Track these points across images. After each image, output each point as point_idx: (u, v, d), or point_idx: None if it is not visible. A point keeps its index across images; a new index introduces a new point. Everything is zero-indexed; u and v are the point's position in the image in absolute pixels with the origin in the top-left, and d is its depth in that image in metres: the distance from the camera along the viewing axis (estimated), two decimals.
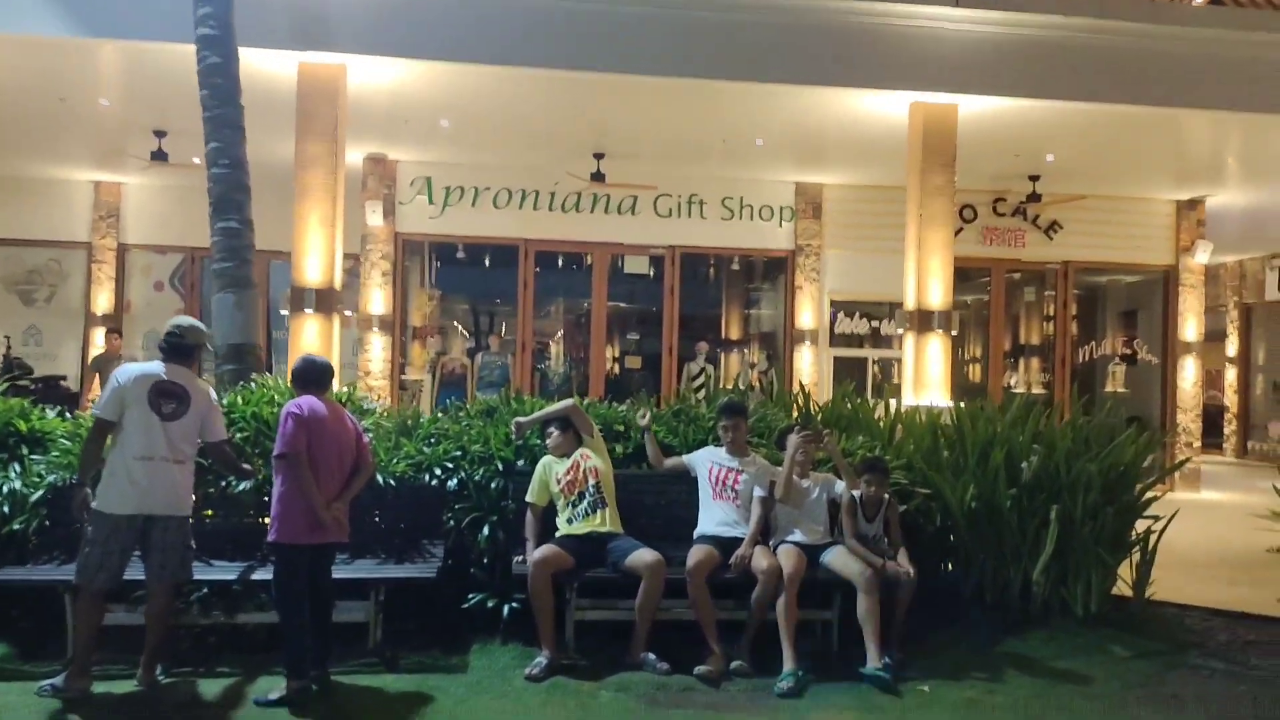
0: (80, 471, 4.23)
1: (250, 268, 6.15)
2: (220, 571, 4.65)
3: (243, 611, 4.64)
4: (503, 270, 11.62)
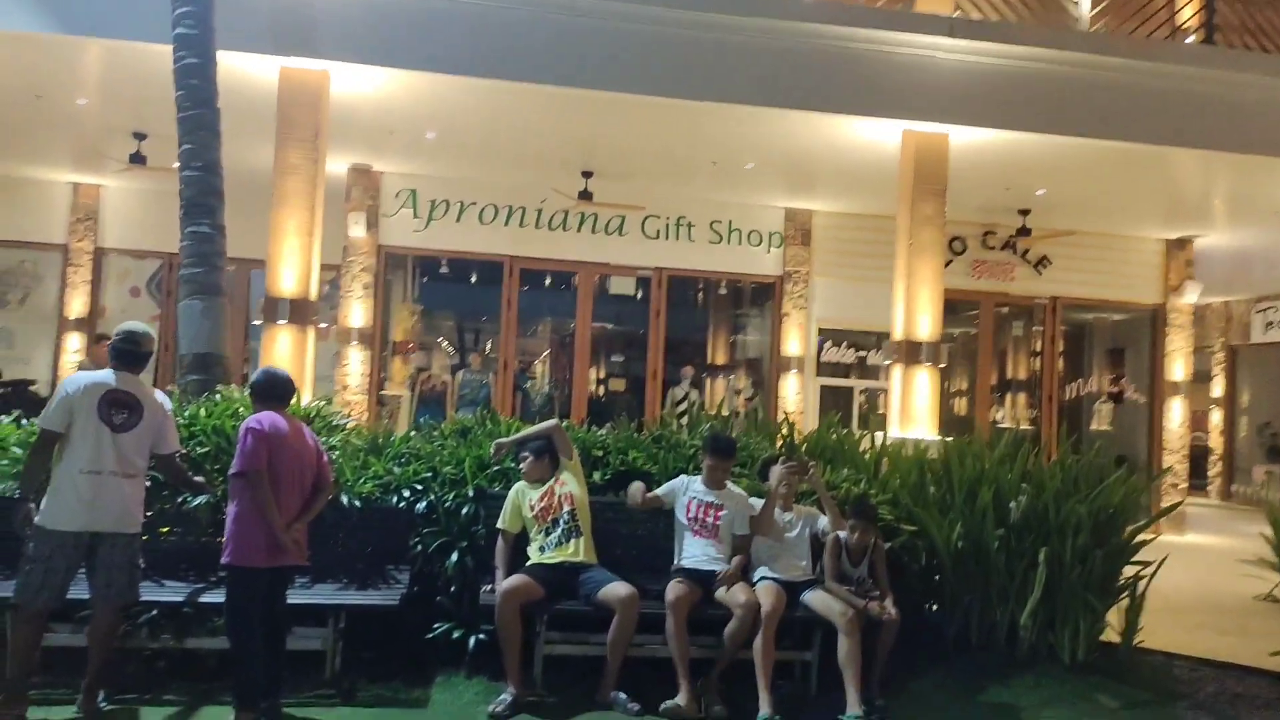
0: (23, 485, 3.98)
1: (220, 275, 5.94)
2: (171, 593, 4.42)
3: (193, 636, 4.41)
4: (486, 287, 11.44)
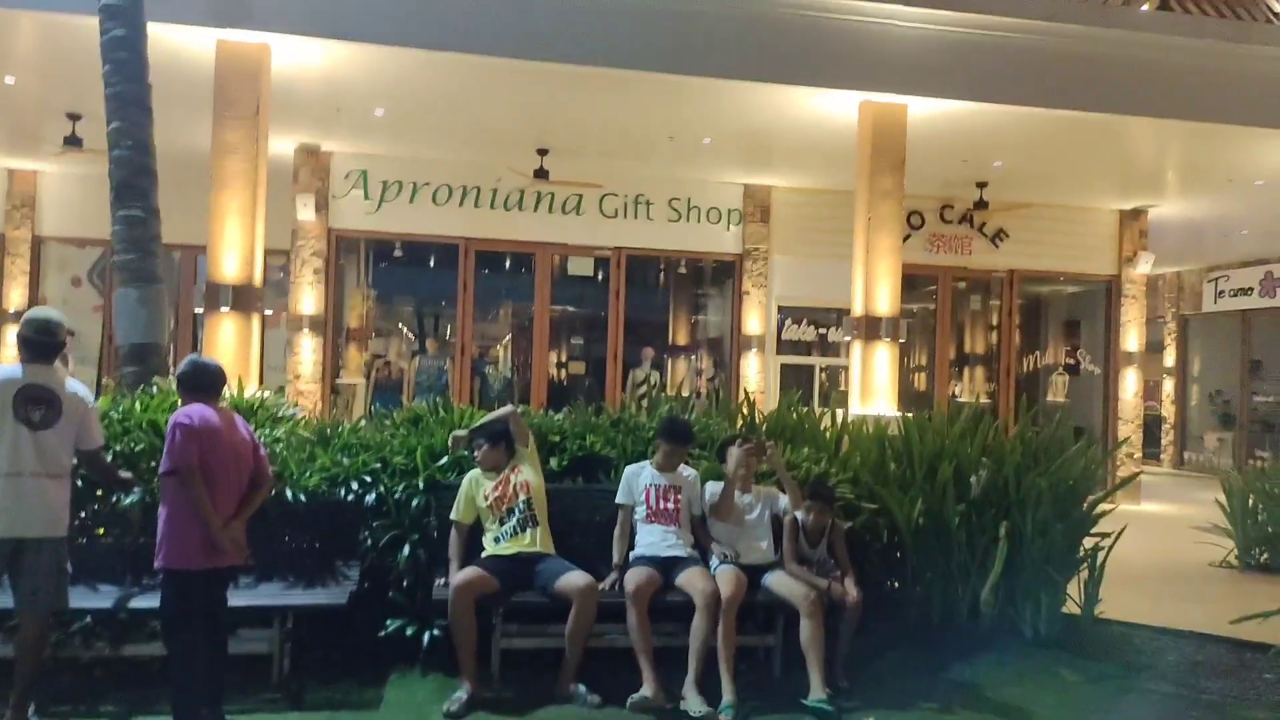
0: None
1: (156, 261, 5.68)
2: (105, 598, 4.20)
3: (131, 642, 4.21)
4: (442, 270, 11.19)
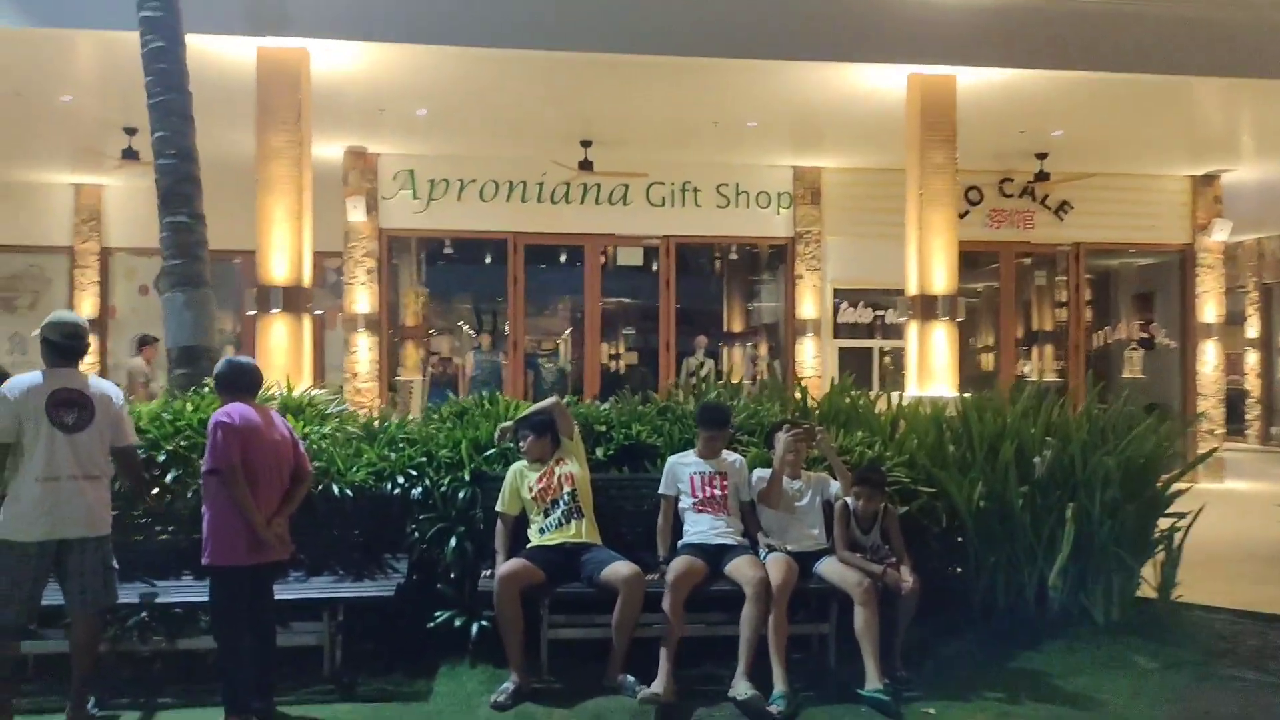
0: None
1: (202, 265, 5.77)
2: (163, 593, 4.28)
3: (186, 636, 4.28)
4: (492, 266, 11.24)
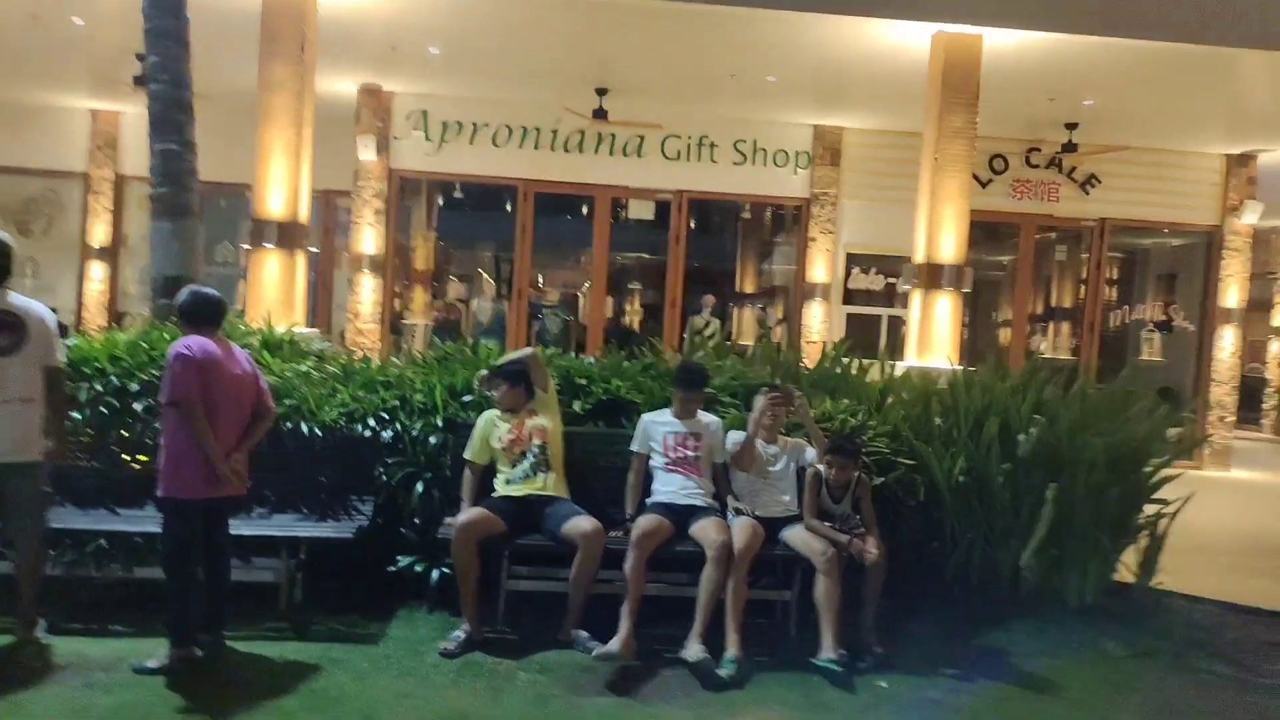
0: None
1: (192, 195, 5.72)
2: (123, 522, 4.31)
3: (144, 565, 4.29)
4: (501, 213, 11.11)
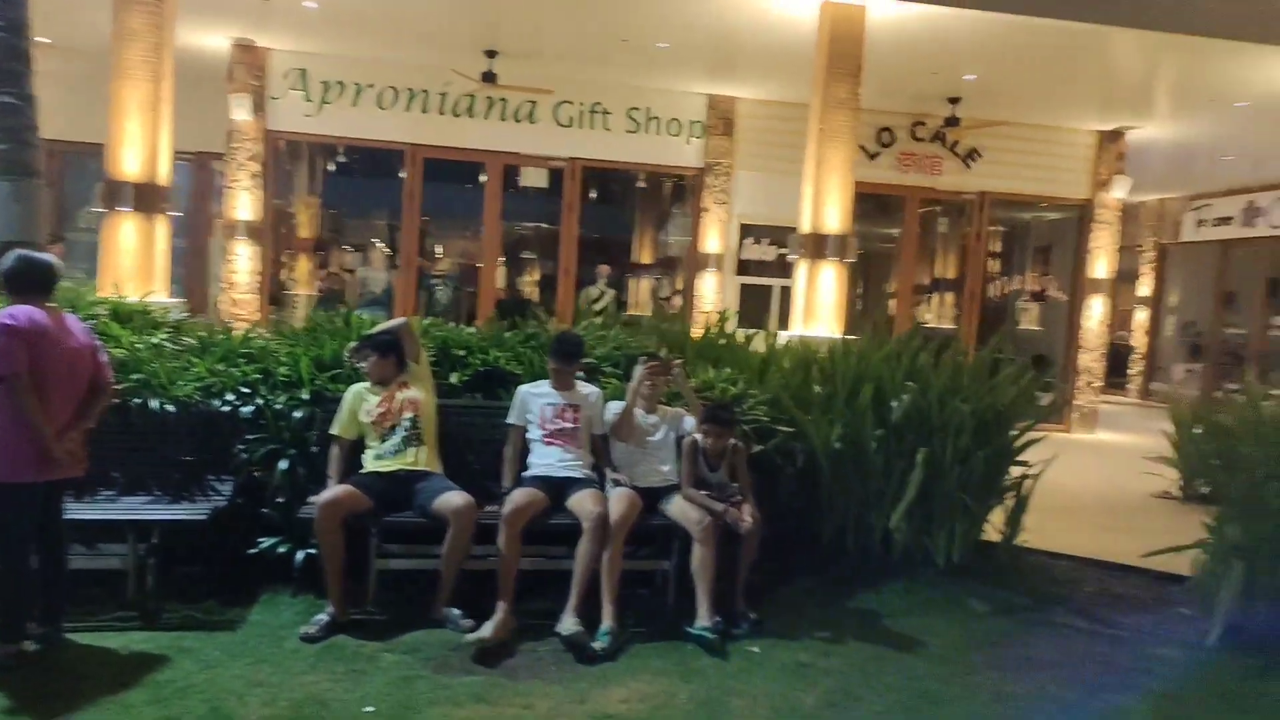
0: None
1: (34, 152, 5.25)
2: None
3: None
4: (391, 178, 10.71)
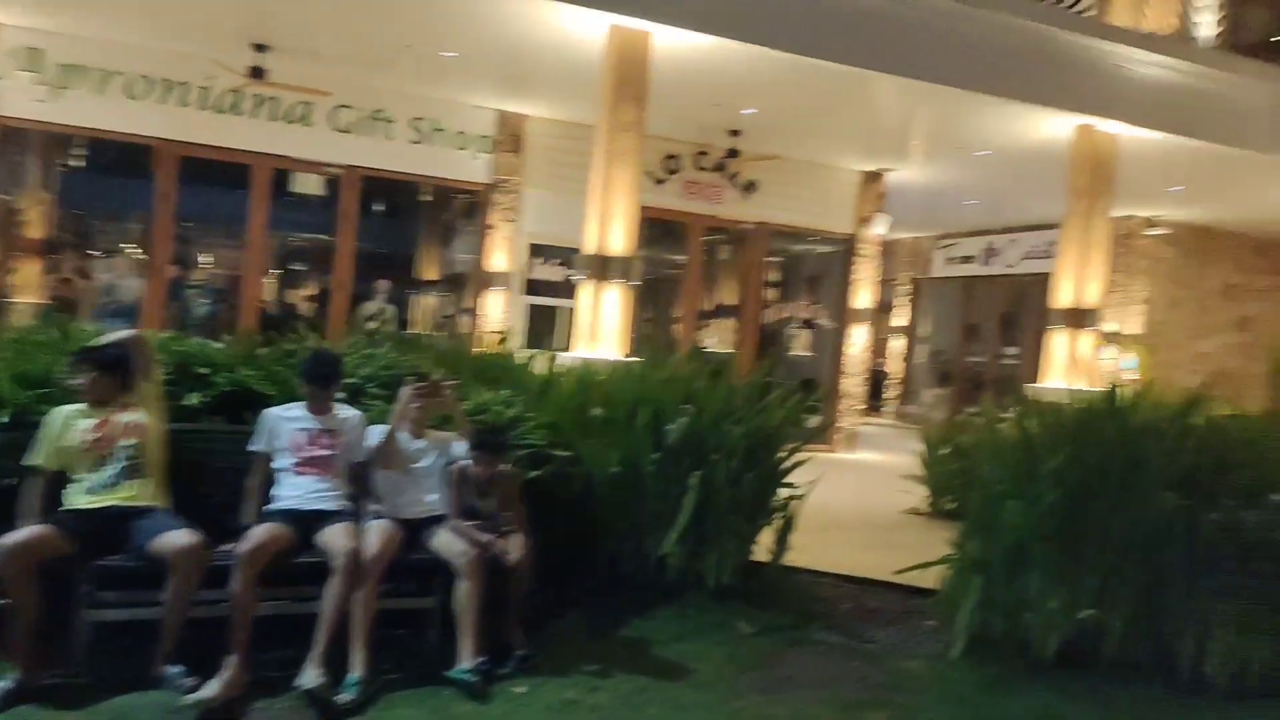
0: None
1: None
2: None
3: None
4: (140, 178, 9.62)
